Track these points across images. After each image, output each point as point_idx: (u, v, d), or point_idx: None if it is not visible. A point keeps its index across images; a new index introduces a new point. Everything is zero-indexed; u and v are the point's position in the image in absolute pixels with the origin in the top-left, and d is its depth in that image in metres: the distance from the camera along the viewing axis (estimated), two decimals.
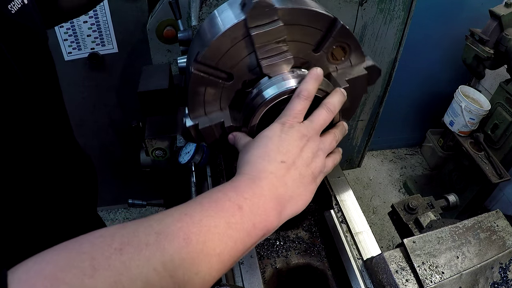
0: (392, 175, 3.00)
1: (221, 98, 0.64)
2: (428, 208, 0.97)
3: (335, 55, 0.64)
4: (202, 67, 0.60)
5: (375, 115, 1.57)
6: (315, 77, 0.57)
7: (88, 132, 2.06)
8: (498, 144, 2.20)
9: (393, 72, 1.41)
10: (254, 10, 0.55)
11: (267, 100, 0.61)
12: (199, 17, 1.08)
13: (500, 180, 2.07)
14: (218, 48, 0.59)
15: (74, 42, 1.72)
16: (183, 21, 1.36)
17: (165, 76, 1.16)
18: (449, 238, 0.72)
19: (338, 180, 1.07)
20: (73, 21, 1.66)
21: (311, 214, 1.06)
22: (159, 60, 1.59)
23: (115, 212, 2.59)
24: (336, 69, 0.66)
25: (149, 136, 1.15)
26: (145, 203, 1.41)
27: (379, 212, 2.68)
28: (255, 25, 0.56)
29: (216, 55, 0.60)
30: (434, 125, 2.96)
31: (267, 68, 0.60)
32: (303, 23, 0.59)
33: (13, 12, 0.61)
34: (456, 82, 2.55)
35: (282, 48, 0.59)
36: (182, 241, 0.40)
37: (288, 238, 0.98)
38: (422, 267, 0.68)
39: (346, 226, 0.95)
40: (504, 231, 0.75)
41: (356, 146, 1.70)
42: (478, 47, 2.04)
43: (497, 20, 1.94)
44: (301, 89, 0.57)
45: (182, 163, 1.05)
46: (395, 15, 1.22)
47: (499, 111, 2.17)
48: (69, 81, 1.82)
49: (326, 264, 0.93)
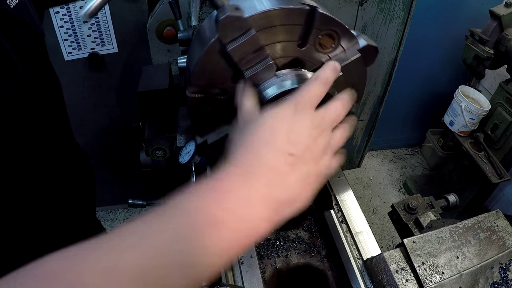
0: (392, 175, 3.00)
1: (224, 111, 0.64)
2: (428, 208, 0.97)
3: (323, 44, 0.63)
4: (195, 89, 0.61)
5: (375, 115, 1.57)
6: (332, 67, 0.51)
7: (89, 132, 2.06)
8: (498, 144, 2.20)
9: (393, 72, 1.41)
10: (223, 26, 0.55)
11: (267, 101, 0.61)
12: (199, 17, 1.08)
13: (500, 180, 2.07)
14: (204, 69, 0.60)
15: (74, 42, 1.72)
16: (183, 21, 1.36)
17: (165, 76, 1.16)
18: (449, 238, 0.72)
19: (338, 180, 1.07)
20: (73, 21, 1.66)
21: (311, 214, 1.06)
22: (159, 60, 1.59)
23: (115, 212, 2.59)
24: (329, 57, 0.65)
25: (149, 136, 1.15)
26: (145, 203, 1.41)
27: (379, 212, 2.68)
28: (229, 40, 0.56)
29: (204, 75, 0.61)
30: (434, 125, 2.96)
31: (251, 79, 0.60)
32: (278, 23, 0.58)
33: (12, 7, 0.63)
34: (456, 82, 2.55)
35: (262, 55, 0.59)
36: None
37: (288, 238, 0.98)
38: (422, 267, 0.68)
39: (346, 226, 0.95)
40: (504, 231, 0.75)
41: (356, 146, 1.70)
42: (478, 47, 2.04)
43: (497, 20, 1.94)
44: (319, 74, 0.50)
45: (182, 163, 1.05)
46: (395, 15, 1.22)
47: (499, 111, 2.17)
48: (69, 81, 1.82)
49: (326, 264, 0.93)
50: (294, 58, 0.63)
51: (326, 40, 0.62)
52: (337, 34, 0.62)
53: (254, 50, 0.58)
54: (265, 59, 0.59)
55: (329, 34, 0.61)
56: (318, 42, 0.62)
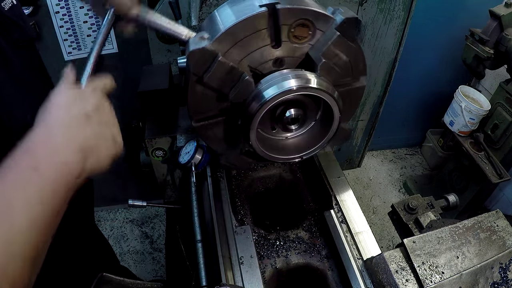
0: (392, 175, 3.00)
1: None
2: (428, 208, 0.97)
3: (299, 36, 0.61)
4: (198, 122, 0.68)
5: (375, 115, 1.57)
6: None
7: None
8: (498, 144, 2.20)
9: (393, 72, 1.41)
10: (192, 62, 0.57)
11: (267, 101, 0.61)
12: (199, 17, 1.08)
13: (500, 180, 2.07)
14: (195, 103, 0.64)
15: (74, 42, 1.72)
16: (183, 21, 1.36)
17: (165, 76, 1.16)
18: (449, 238, 0.72)
19: (338, 180, 1.07)
20: (73, 21, 1.66)
21: (311, 214, 1.06)
22: (159, 60, 1.59)
23: (115, 212, 2.59)
24: (312, 46, 0.63)
25: (149, 136, 1.15)
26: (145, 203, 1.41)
27: (379, 212, 2.68)
28: (202, 72, 0.59)
29: (199, 107, 0.65)
30: (434, 125, 2.96)
31: (235, 98, 0.62)
32: (243, 36, 0.58)
33: (6, 9, 0.66)
34: (456, 82, 2.55)
35: (237, 73, 0.60)
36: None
37: (288, 238, 0.98)
38: (422, 267, 0.68)
39: (346, 226, 0.94)
40: (504, 231, 0.75)
41: (356, 146, 1.71)
42: (478, 47, 2.04)
43: (497, 20, 1.94)
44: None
45: (182, 163, 1.05)
46: (395, 15, 1.22)
47: (499, 111, 2.17)
48: None
49: (326, 264, 0.93)
50: (276, 59, 0.63)
51: (300, 31, 0.61)
52: (309, 21, 0.60)
53: (227, 72, 0.59)
54: (241, 76, 0.60)
55: (301, 24, 0.60)
56: (292, 35, 0.61)
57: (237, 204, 1.07)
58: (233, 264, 0.84)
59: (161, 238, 2.43)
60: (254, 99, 0.62)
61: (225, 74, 0.59)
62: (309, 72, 0.63)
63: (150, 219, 2.55)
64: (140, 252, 2.36)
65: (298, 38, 0.61)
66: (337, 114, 0.70)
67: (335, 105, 0.68)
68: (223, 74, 0.59)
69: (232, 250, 0.86)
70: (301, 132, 0.79)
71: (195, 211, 0.94)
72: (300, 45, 0.62)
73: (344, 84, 0.71)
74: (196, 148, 1.04)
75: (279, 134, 0.79)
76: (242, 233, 0.90)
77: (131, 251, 2.37)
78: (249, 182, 1.16)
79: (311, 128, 0.79)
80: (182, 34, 0.63)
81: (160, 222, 2.51)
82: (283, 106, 0.70)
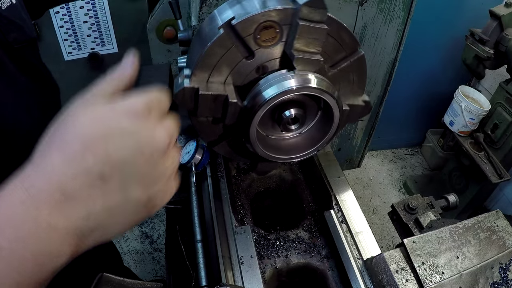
0: (392, 175, 3.00)
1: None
2: (428, 208, 0.97)
3: (267, 39, 0.60)
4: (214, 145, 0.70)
5: (375, 115, 1.57)
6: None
7: None
8: (498, 144, 2.20)
9: (393, 72, 1.41)
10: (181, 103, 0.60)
11: (267, 101, 0.61)
12: (199, 17, 1.08)
13: (500, 180, 2.07)
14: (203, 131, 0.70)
15: (74, 42, 1.72)
16: (183, 21, 1.36)
17: (165, 76, 1.16)
18: (449, 238, 0.72)
19: (338, 180, 1.07)
20: (73, 21, 1.66)
21: (311, 214, 1.06)
22: (159, 60, 1.59)
23: None
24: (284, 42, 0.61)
25: None
26: None
27: (379, 212, 2.68)
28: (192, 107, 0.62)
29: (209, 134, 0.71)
30: (434, 125, 2.96)
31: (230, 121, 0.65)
32: (216, 60, 0.60)
33: (3, 9, 0.65)
34: (456, 82, 2.55)
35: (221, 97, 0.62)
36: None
37: (288, 238, 0.98)
38: (422, 267, 0.68)
39: (346, 226, 0.94)
40: (504, 231, 0.75)
41: (356, 146, 1.70)
42: (478, 47, 2.04)
43: (497, 20, 1.94)
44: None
45: (182, 163, 1.05)
46: (395, 15, 1.22)
47: (499, 111, 2.17)
48: (69, 81, 1.82)
49: (326, 264, 0.93)
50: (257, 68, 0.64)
51: (266, 34, 0.59)
52: (271, 21, 0.58)
53: (212, 100, 0.61)
54: (225, 99, 0.62)
55: (264, 27, 0.58)
56: (261, 41, 0.60)
57: (237, 204, 1.07)
58: (233, 264, 0.84)
59: (161, 238, 2.43)
60: (254, 99, 0.62)
61: (212, 102, 0.61)
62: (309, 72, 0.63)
63: (150, 219, 2.55)
64: (140, 252, 2.37)
65: (268, 41, 0.60)
66: (337, 114, 0.70)
67: (335, 105, 0.68)
68: (210, 103, 0.61)
69: (232, 250, 0.86)
70: (301, 132, 0.79)
71: (195, 211, 0.94)
72: (274, 45, 0.62)
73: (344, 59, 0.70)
74: (196, 148, 1.04)
75: (279, 134, 0.79)
76: (242, 233, 0.90)
77: (131, 251, 2.37)
78: (249, 182, 1.16)
79: (311, 128, 0.79)
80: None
81: (160, 222, 2.51)
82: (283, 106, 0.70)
